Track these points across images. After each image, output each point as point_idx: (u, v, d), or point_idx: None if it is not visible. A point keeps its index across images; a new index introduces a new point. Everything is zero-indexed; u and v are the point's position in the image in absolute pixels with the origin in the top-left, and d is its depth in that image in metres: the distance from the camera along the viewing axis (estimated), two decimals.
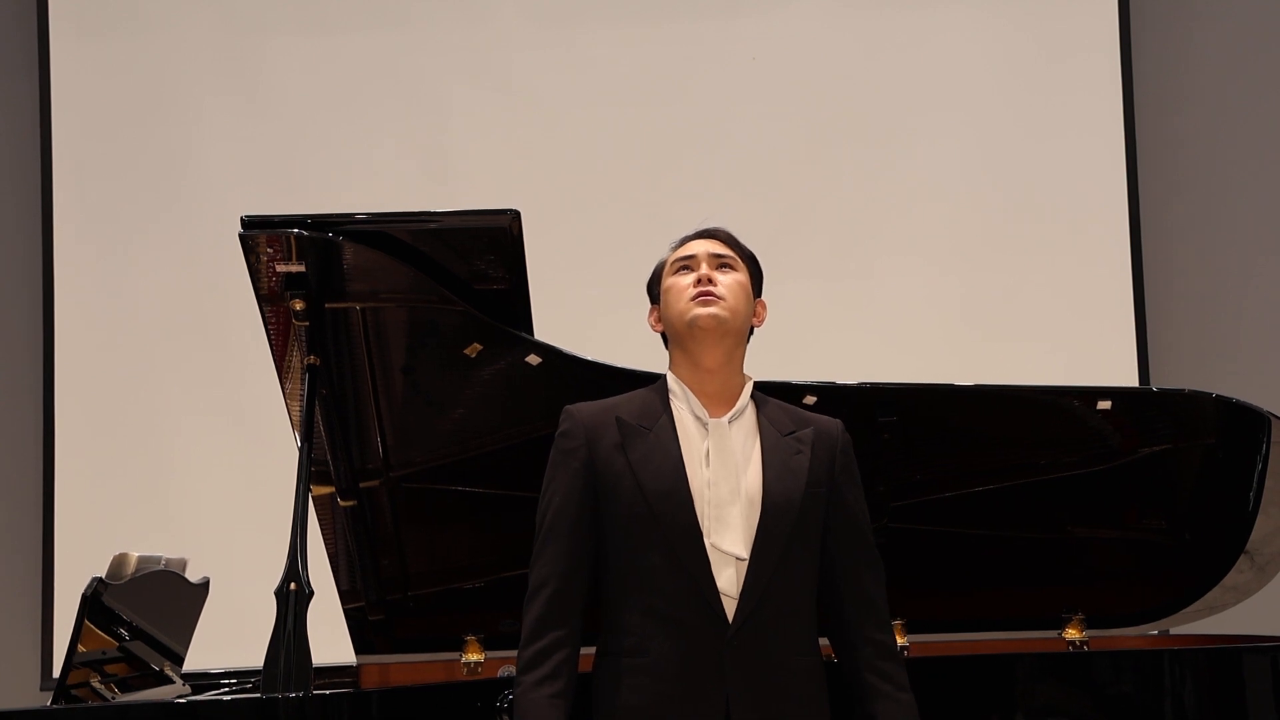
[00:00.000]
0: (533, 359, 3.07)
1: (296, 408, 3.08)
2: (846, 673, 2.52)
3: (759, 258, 2.67)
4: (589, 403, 2.57)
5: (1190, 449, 3.41)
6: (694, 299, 2.51)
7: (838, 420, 2.60)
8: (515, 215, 2.93)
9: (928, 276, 5.21)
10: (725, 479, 2.45)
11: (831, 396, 3.08)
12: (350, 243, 2.89)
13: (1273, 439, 3.33)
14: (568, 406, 2.57)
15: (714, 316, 2.50)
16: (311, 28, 5.30)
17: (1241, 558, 3.47)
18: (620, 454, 2.47)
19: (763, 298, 2.64)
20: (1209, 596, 3.53)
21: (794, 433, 2.52)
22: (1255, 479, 3.38)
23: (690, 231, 2.65)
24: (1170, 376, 5.16)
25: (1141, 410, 3.39)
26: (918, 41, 5.29)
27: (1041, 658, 3.18)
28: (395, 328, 3.06)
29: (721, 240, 2.62)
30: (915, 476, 3.34)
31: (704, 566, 2.41)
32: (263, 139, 5.26)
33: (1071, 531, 3.48)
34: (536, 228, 3.19)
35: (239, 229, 2.88)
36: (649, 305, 2.67)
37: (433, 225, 2.98)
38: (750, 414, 2.54)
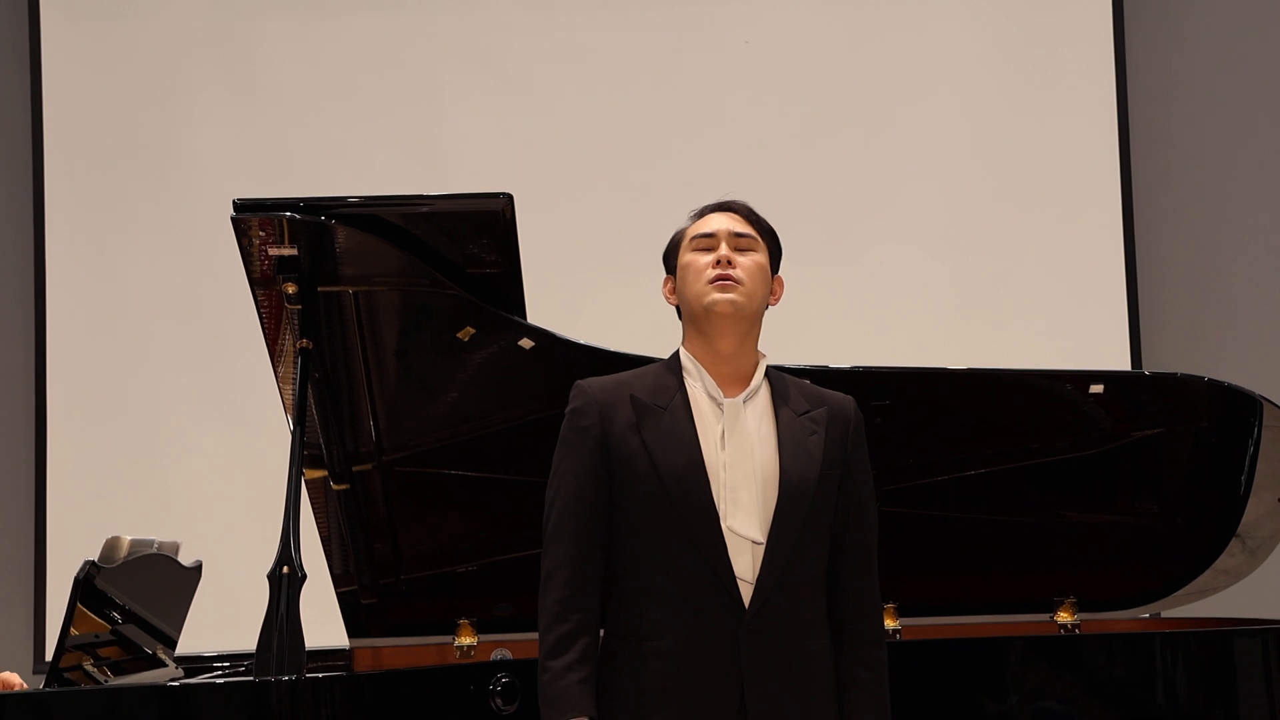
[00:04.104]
0: (525, 343, 3.06)
1: (289, 391, 3.08)
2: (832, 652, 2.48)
3: None
4: (600, 378, 2.51)
5: (1182, 432, 3.42)
6: (712, 282, 2.46)
7: (850, 397, 2.55)
8: (508, 199, 2.92)
9: (921, 261, 5.21)
10: (741, 461, 2.41)
11: (823, 380, 3.06)
12: (343, 226, 2.89)
13: (1264, 422, 3.33)
14: (579, 382, 2.50)
15: (732, 303, 2.45)
16: (304, 13, 5.29)
17: (1233, 541, 3.47)
18: (635, 434, 2.42)
19: (780, 274, 2.58)
20: (1200, 580, 3.54)
21: (808, 412, 2.48)
22: (1247, 462, 3.39)
23: (710, 202, 2.58)
24: (1162, 360, 5.17)
25: (1134, 394, 3.40)
26: (911, 28, 5.29)
27: (1033, 641, 3.19)
28: (388, 311, 3.05)
29: (742, 216, 2.55)
30: (907, 460, 3.35)
31: (720, 551, 2.37)
32: (255, 125, 5.25)
33: (1063, 515, 3.48)
34: (529, 212, 3.18)
35: (231, 213, 2.87)
36: (663, 275, 2.59)
37: (425, 209, 2.97)
38: (765, 393, 2.49)
